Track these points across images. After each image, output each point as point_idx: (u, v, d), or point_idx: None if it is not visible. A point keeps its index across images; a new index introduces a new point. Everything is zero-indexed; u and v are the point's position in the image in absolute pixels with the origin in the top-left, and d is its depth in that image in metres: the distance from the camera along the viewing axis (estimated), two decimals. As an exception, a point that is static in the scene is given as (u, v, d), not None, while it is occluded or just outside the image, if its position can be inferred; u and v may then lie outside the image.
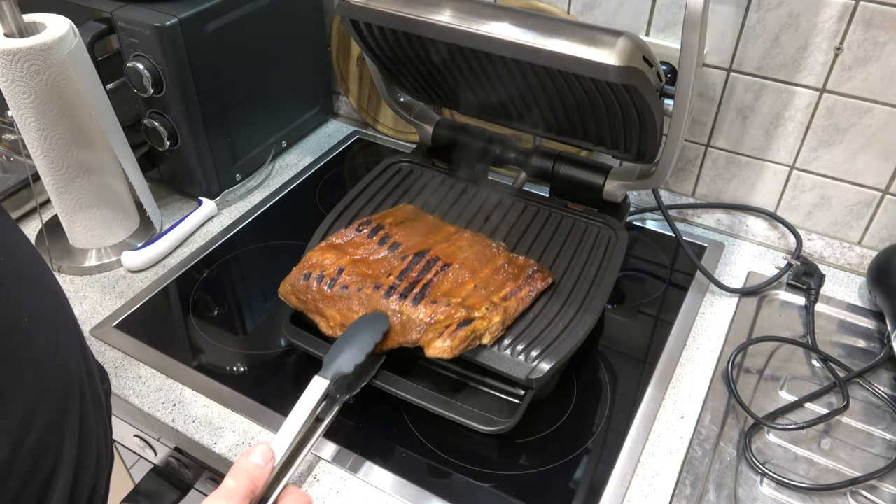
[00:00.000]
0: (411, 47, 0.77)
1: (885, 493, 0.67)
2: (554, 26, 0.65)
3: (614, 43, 0.62)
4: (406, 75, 0.85)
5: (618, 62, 0.62)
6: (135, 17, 0.84)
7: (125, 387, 0.75)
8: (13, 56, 0.72)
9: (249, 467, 0.54)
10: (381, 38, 0.78)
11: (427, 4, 0.70)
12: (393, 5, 0.71)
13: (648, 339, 0.82)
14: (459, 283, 0.71)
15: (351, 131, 1.19)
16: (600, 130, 0.77)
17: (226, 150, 0.99)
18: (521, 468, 0.68)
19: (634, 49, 0.63)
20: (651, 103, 0.67)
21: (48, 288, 0.45)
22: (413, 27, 0.71)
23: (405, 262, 0.73)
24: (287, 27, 1.02)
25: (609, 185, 0.82)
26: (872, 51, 0.78)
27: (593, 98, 0.71)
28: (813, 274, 0.87)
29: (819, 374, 0.78)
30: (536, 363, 0.66)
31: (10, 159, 1.01)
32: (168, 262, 0.91)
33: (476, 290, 0.71)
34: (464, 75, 0.79)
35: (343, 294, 0.70)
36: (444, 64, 0.78)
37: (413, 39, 0.75)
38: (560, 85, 0.71)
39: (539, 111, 0.79)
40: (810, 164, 0.88)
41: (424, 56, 0.78)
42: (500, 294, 0.70)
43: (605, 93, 0.69)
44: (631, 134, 0.75)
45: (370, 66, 0.87)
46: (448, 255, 0.74)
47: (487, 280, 0.72)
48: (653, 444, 0.70)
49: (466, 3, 0.69)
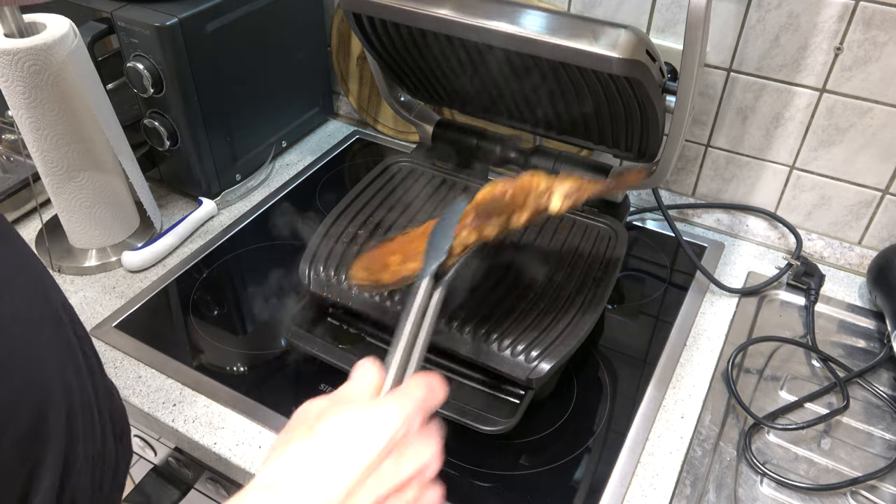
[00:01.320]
0: (413, 42, 0.77)
1: (885, 493, 0.67)
2: (557, 19, 0.66)
3: (618, 35, 0.62)
4: (407, 72, 0.85)
5: (621, 54, 0.62)
6: (135, 17, 0.84)
7: (125, 387, 0.75)
8: (13, 56, 0.72)
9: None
10: (382, 32, 0.77)
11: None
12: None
13: (648, 339, 0.82)
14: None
15: (351, 131, 1.19)
16: (602, 128, 0.77)
17: (226, 150, 0.99)
18: (521, 468, 0.68)
19: (638, 42, 0.63)
20: (654, 98, 0.67)
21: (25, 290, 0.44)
22: (415, 20, 0.71)
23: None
24: (287, 27, 1.02)
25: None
26: (872, 51, 0.78)
27: (596, 93, 0.71)
28: (813, 274, 0.87)
29: (819, 374, 0.78)
30: (536, 363, 0.66)
31: (10, 159, 1.02)
32: (168, 262, 0.91)
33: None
34: (465, 71, 0.78)
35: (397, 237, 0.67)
36: (445, 58, 0.78)
37: (415, 33, 0.75)
38: (563, 80, 0.71)
39: (541, 109, 0.79)
40: (810, 164, 0.88)
41: (426, 51, 0.78)
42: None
43: (607, 87, 0.69)
44: (632, 131, 0.75)
45: (371, 64, 0.87)
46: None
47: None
48: (653, 444, 0.70)
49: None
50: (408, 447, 0.42)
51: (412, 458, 0.42)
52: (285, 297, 0.87)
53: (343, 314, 0.79)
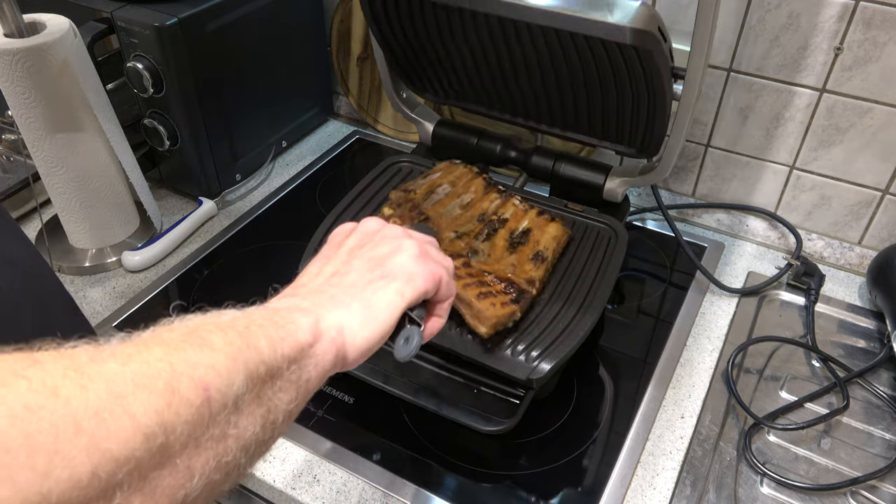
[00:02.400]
0: (423, 24, 0.77)
1: (885, 493, 0.67)
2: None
3: (632, 7, 0.64)
4: (413, 63, 0.85)
5: (634, 24, 0.63)
6: (135, 17, 0.84)
7: (125, 387, 0.75)
8: (13, 56, 0.72)
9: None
10: (394, 16, 0.78)
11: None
12: None
13: (648, 339, 0.82)
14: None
15: (351, 131, 1.19)
16: (607, 119, 0.77)
17: (226, 150, 0.99)
18: (521, 468, 0.68)
19: (650, 16, 0.64)
20: (664, 76, 0.67)
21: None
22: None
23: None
24: (287, 27, 1.02)
25: (610, 184, 0.82)
26: (872, 51, 0.78)
27: (605, 75, 0.71)
28: (813, 274, 0.87)
29: (819, 374, 0.78)
30: (536, 363, 0.66)
31: (10, 159, 1.01)
32: (168, 262, 0.91)
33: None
34: (474, 56, 0.78)
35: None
36: (454, 41, 0.77)
37: (427, 12, 0.75)
38: (572, 60, 0.71)
39: (546, 98, 0.79)
40: (810, 164, 0.88)
41: (436, 34, 0.78)
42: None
43: (617, 64, 0.69)
44: (639, 118, 0.75)
45: (377, 56, 0.87)
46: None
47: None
48: (653, 444, 0.70)
49: None
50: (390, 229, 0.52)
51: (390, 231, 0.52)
52: (285, 297, 0.87)
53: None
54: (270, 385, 0.37)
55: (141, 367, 0.30)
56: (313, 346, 0.40)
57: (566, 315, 0.71)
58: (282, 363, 0.37)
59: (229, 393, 0.33)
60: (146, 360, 0.31)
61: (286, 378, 0.38)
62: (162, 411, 0.29)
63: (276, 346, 0.37)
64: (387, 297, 0.46)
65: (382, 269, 0.48)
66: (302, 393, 0.39)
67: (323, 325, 0.42)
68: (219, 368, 0.33)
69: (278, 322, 0.39)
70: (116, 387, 0.28)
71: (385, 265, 0.48)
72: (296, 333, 0.40)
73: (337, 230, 0.53)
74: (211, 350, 0.34)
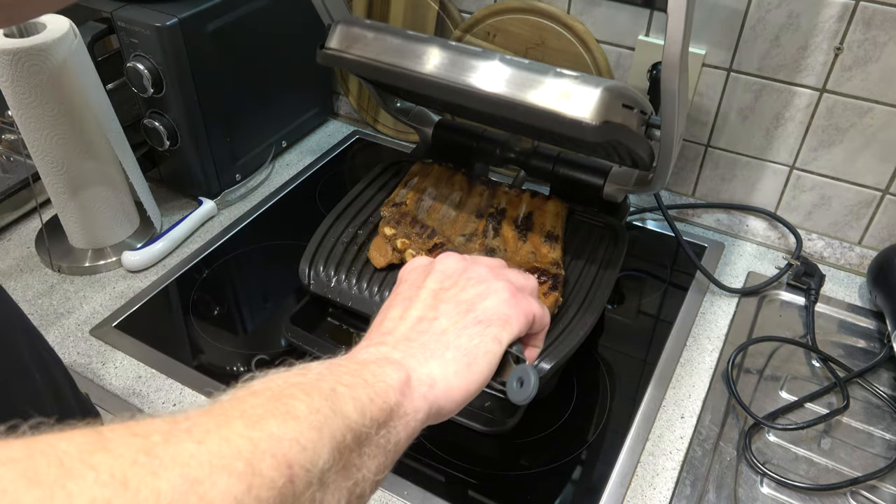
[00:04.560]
0: (384, 79, 0.77)
1: (885, 493, 0.67)
2: (533, 78, 0.63)
3: (592, 98, 0.60)
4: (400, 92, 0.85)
5: (595, 120, 0.60)
6: (135, 17, 0.84)
7: (125, 387, 0.75)
8: (13, 56, 0.72)
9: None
10: (355, 67, 0.78)
11: (405, 52, 0.68)
12: (370, 53, 0.69)
13: (648, 339, 0.82)
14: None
15: (351, 131, 1.19)
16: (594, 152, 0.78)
17: (226, 150, 0.99)
18: (521, 468, 0.68)
19: (612, 100, 0.61)
20: (635, 143, 0.66)
21: None
22: (390, 77, 0.69)
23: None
24: (287, 27, 1.02)
25: (608, 187, 0.83)
26: (872, 51, 0.78)
27: (576, 139, 0.71)
28: (813, 274, 0.87)
29: (819, 374, 0.78)
30: (537, 363, 0.66)
31: (10, 159, 1.01)
32: (168, 262, 0.91)
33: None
34: (448, 107, 0.78)
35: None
36: (420, 95, 0.77)
37: (381, 74, 0.75)
38: (540, 126, 0.70)
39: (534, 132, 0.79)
40: (810, 164, 0.88)
41: (400, 87, 0.78)
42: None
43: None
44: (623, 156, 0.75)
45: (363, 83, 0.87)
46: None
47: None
48: (653, 444, 0.70)
49: (446, 49, 0.66)
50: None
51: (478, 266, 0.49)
52: (285, 297, 0.87)
53: (343, 314, 0.79)
54: (358, 453, 0.34)
55: (220, 446, 0.27)
56: (403, 406, 0.37)
57: (566, 315, 0.71)
58: (370, 428, 0.34)
59: (314, 469, 0.30)
60: (226, 436, 0.28)
61: (374, 443, 0.35)
62: (242, 498, 0.26)
63: (364, 409, 0.34)
64: (484, 346, 0.43)
65: (475, 314, 0.44)
66: (391, 458, 0.36)
67: (414, 381, 0.39)
68: (303, 442, 0.30)
69: (368, 380, 0.36)
70: (192, 471, 0.26)
71: (476, 309, 0.45)
72: (386, 392, 0.36)
73: (411, 267, 0.49)
74: (295, 420, 0.30)
